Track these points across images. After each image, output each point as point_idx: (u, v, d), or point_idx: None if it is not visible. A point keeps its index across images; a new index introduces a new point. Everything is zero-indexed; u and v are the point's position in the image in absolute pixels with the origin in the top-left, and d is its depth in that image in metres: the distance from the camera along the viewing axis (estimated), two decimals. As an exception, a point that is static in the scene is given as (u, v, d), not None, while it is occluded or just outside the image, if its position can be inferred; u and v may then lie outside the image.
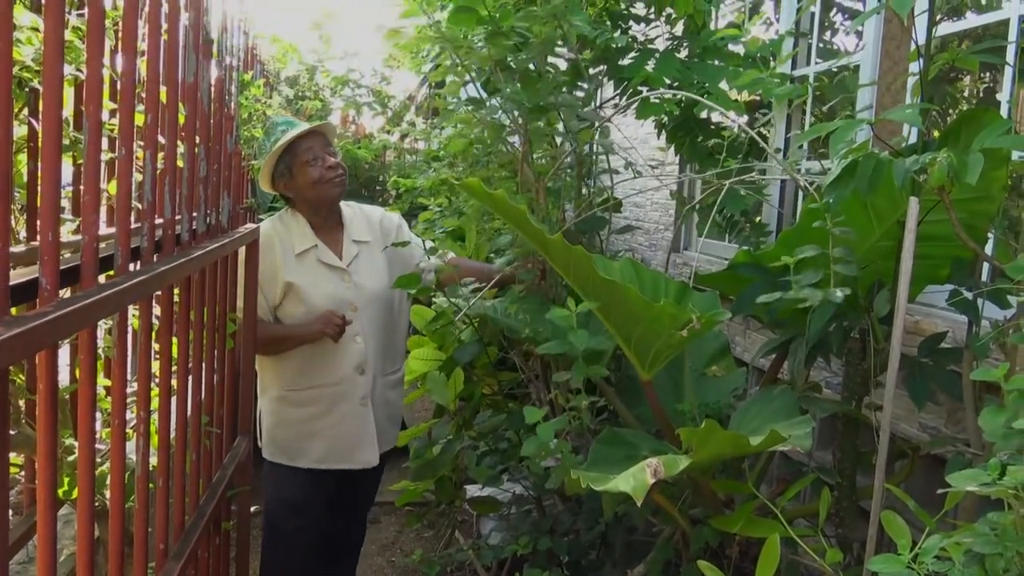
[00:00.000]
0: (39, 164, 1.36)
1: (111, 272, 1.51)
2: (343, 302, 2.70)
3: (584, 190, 2.89)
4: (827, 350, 1.84)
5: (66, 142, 1.90)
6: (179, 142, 1.89)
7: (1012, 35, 2.12)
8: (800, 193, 3.50)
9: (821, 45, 3.62)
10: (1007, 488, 0.91)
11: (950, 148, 1.60)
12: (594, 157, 3.03)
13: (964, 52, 1.78)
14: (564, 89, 2.95)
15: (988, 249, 2.00)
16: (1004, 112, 2.16)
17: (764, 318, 2.13)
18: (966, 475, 0.99)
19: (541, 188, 2.65)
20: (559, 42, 2.84)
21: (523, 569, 2.91)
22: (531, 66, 2.87)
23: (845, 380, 1.95)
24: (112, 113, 1.74)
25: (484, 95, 2.95)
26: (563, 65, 3.07)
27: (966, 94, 4.02)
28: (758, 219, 3.46)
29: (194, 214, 2.01)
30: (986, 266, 1.98)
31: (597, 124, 2.68)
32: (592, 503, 2.86)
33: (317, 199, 2.70)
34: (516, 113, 2.61)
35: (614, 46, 3.19)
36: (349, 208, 2.88)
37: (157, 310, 1.78)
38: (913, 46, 2.08)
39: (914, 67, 1.74)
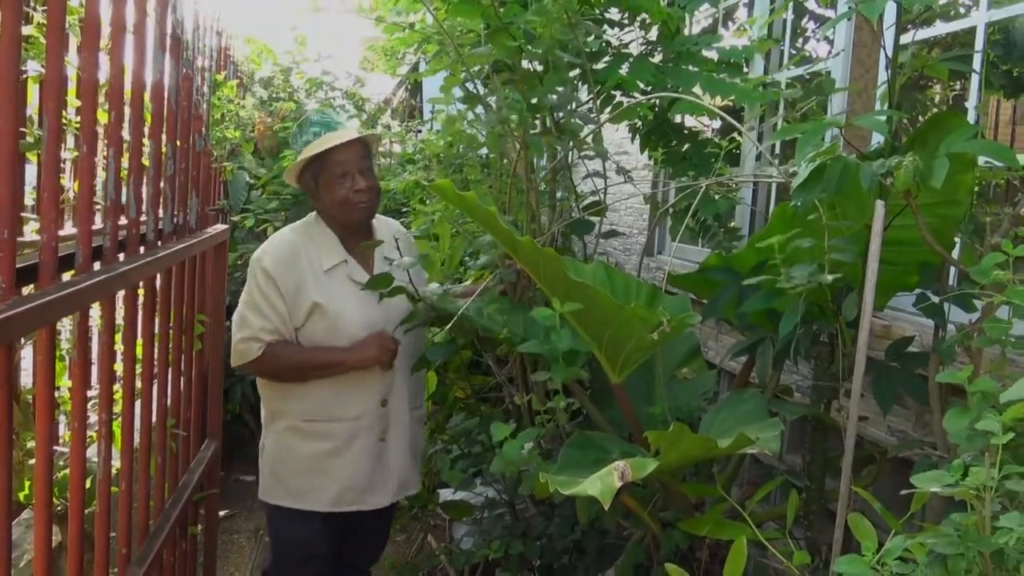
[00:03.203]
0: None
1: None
2: (373, 327, 2.38)
3: (568, 193, 2.89)
4: (795, 353, 1.84)
5: (30, 140, 1.87)
6: (145, 140, 1.87)
7: (978, 43, 2.15)
8: (772, 197, 3.53)
9: (794, 52, 3.65)
10: (969, 489, 0.91)
11: (917, 152, 1.62)
12: (582, 161, 3.02)
13: (933, 60, 1.80)
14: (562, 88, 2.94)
15: (956, 254, 2.01)
16: (971, 118, 2.18)
17: (734, 321, 2.13)
18: (930, 476, 0.99)
19: (534, 191, 2.62)
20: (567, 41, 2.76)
21: (495, 574, 2.90)
22: (533, 66, 2.83)
23: (814, 384, 1.95)
24: (76, 111, 1.71)
25: (482, 91, 2.86)
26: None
27: (936, 100, 4.08)
28: (732, 224, 3.47)
29: (160, 214, 1.99)
30: (953, 271, 2.00)
31: (592, 128, 2.67)
32: (566, 508, 2.85)
33: (341, 219, 2.37)
34: (515, 117, 2.52)
35: (589, 51, 3.20)
36: (377, 222, 2.54)
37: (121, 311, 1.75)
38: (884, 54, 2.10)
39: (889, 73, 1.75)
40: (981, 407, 1.12)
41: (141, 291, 1.87)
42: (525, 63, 2.82)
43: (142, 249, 1.83)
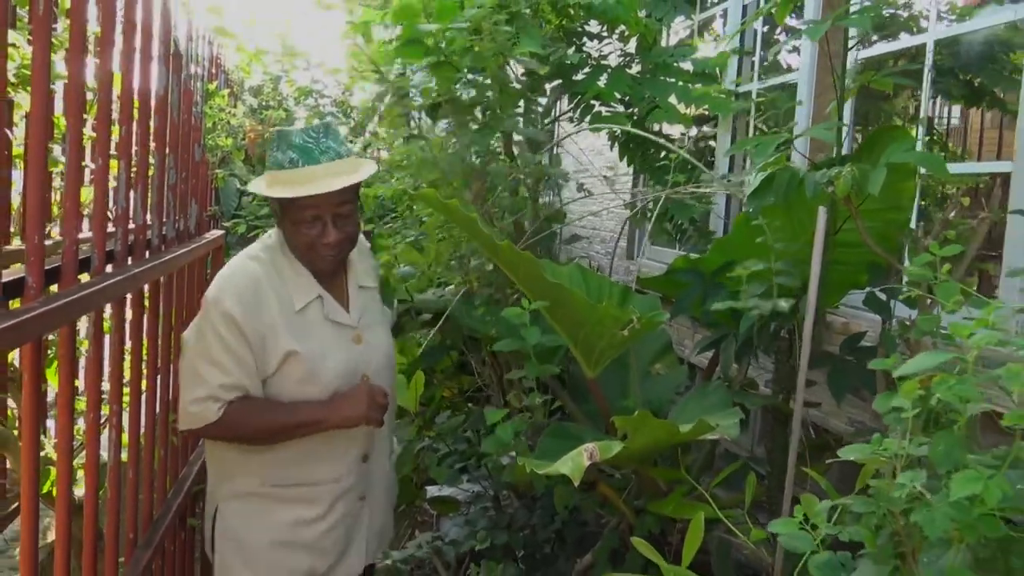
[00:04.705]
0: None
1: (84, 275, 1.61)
2: (353, 373, 1.98)
3: (534, 205, 3.03)
4: (755, 348, 1.99)
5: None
6: (150, 152, 2.00)
7: (928, 59, 2.30)
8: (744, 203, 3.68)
9: (767, 63, 3.81)
10: (880, 456, 1.05)
11: (864, 162, 1.77)
12: (546, 178, 3.18)
13: (879, 74, 1.95)
14: (520, 107, 3.12)
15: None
16: (922, 128, 2.34)
17: (700, 318, 2.28)
18: (852, 448, 1.14)
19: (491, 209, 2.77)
20: (510, 69, 2.93)
21: (481, 565, 3.03)
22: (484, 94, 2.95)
23: (774, 376, 2.10)
24: (92, 127, 1.84)
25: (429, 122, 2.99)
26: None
27: (901, 111, 4.25)
28: (712, 230, 3.62)
29: (164, 220, 2.12)
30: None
31: (548, 146, 2.82)
32: (547, 500, 2.99)
33: (303, 263, 1.94)
34: (474, 150, 2.65)
35: (568, 63, 3.35)
36: None
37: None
38: (854, 66, 2.27)
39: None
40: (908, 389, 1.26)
41: (146, 292, 2.00)
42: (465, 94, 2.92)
43: (148, 253, 1.96)
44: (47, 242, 1.36)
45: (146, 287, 1.95)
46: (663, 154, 3.57)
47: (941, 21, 2.58)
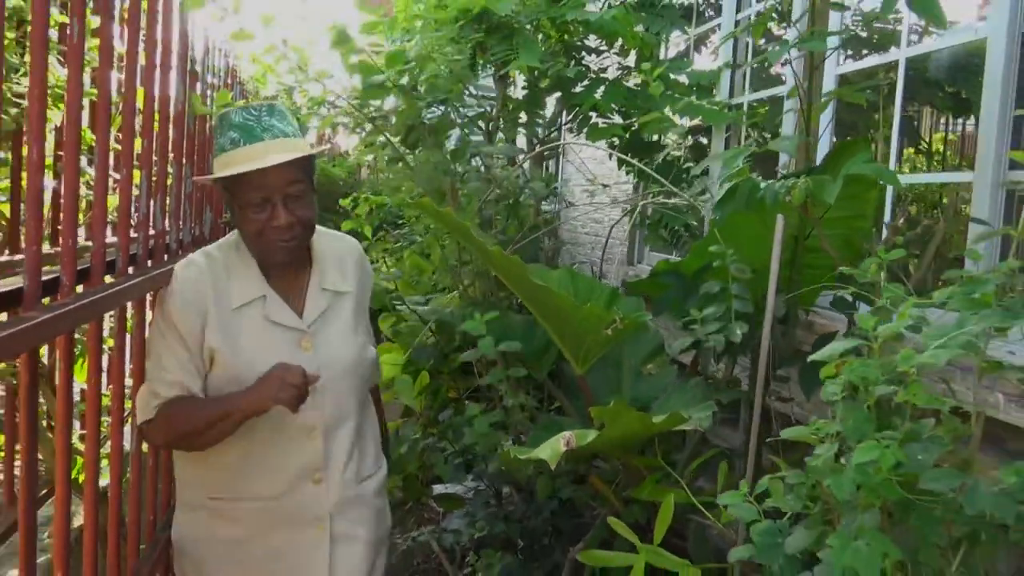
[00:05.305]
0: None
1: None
2: None
3: (523, 213, 3.24)
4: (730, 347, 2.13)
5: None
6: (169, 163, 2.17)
7: (900, 75, 2.44)
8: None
9: (764, 75, 3.95)
10: (811, 436, 1.19)
11: (828, 172, 1.92)
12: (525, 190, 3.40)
13: (848, 89, 2.09)
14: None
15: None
16: (895, 141, 2.47)
17: (680, 318, 2.42)
18: (791, 430, 1.27)
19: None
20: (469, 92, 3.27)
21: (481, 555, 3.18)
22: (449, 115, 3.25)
23: (750, 374, 2.24)
24: (116, 140, 2.01)
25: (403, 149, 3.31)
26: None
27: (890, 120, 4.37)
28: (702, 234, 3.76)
29: (181, 226, 2.28)
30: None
31: (523, 158, 3.03)
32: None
33: (257, 254, 1.83)
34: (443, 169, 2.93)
35: (568, 76, 3.51)
36: (324, 238, 1.97)
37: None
38: (829, 83, 2.42)
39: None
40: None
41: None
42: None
43: (166, 257, 2.12)
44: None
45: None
46: (655, 163, 3.73)
47: (930, 35, 2.71)
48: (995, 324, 1.03)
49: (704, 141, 4.19)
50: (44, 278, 1.39)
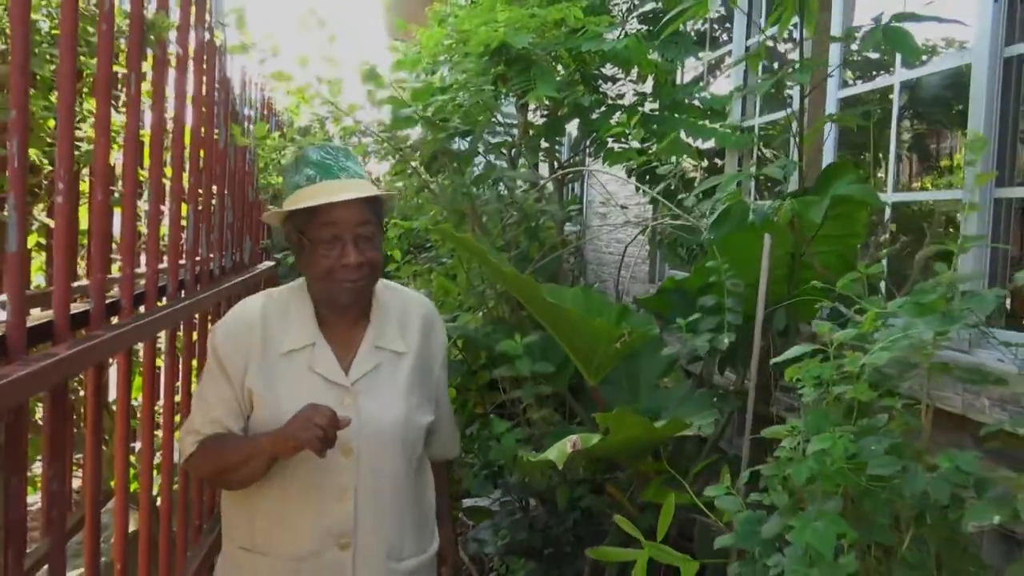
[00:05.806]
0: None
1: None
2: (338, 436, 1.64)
3: (542, 235, 3.42)
4: (735, 358, 2.27)
5: (115, 196, 2.39)
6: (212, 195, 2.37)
7: (896, 98, 2.57)
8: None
9: (780, 99, 4.08)
10: (782, 432, 1.33)
11: (819, 193, 2.06)
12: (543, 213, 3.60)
13: (842, 114, 2.24)
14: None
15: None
16: (892, 161, 2.60)
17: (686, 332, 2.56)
18: (770, 429, 1.41)
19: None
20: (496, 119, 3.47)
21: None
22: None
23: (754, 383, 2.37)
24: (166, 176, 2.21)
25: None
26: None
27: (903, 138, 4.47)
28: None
29: (223, 253, 2.49)
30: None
31: (541, 184, 3.21)
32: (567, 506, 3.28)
33: (320, 296, 1.78)
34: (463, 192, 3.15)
35: (585, 104, 3.68)
36: (390, 293, 1.91)
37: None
38: (832, 106, 2.57)
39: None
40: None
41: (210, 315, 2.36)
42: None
43: (210, 282, 2.32)
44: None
45: (210, 309, 2.31)
46: (672, 186, 3.87)
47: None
48: (937, 328, 1.17)
49: (719, 162, 4.32)
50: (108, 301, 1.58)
